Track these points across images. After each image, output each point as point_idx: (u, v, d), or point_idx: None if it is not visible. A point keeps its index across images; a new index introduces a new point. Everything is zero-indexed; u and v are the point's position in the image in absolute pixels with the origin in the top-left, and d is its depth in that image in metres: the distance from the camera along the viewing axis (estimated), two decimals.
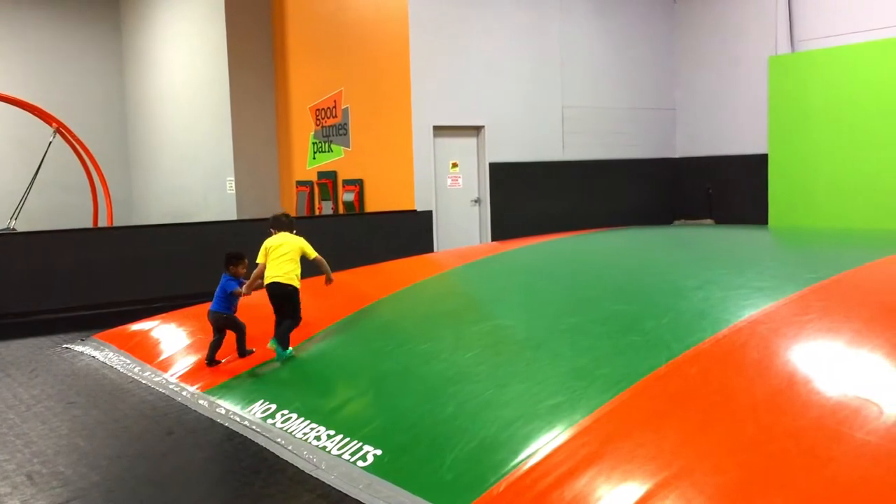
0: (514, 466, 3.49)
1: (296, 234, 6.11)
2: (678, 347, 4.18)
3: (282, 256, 5.83)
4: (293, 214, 13.13)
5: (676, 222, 13.68)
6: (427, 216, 11.36)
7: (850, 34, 11.75)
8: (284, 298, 5.76)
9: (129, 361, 6.39)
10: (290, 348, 5.67)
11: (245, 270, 5.99)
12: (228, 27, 13.72)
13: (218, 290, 5.91)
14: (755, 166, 12.79)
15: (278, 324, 5.76)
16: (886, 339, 3.79)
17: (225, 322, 5.85)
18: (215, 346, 5.83)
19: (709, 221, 13.38)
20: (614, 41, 13.15)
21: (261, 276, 5.86)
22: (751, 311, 4.47)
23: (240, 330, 5.88)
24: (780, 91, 12.40)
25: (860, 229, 10.19)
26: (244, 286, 5.87)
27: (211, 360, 5.78)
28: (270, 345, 5.64)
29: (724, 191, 13.49)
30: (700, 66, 13.79)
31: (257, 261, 5.92)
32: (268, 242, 5.96)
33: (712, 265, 6.27)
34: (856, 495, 2.74)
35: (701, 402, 3.65)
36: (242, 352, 5.85)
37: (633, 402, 3.78)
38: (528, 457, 3.52)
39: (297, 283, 5.81)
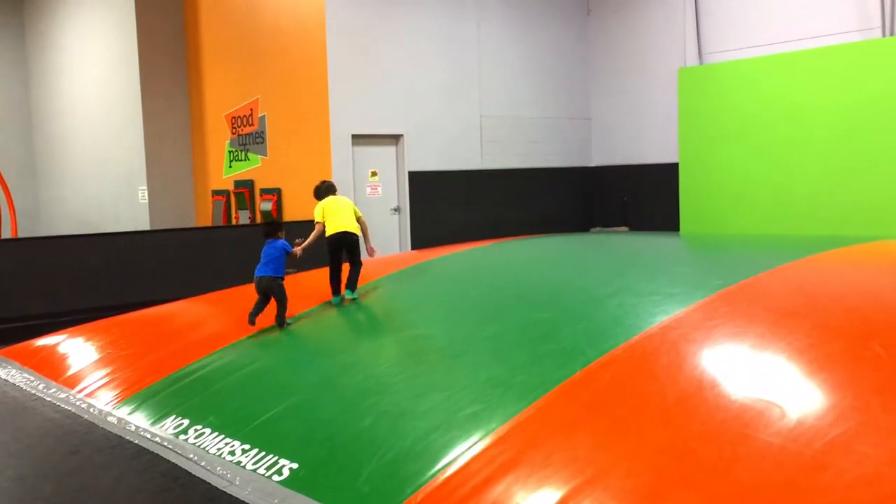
0: (432, 476, 3.49)
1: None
2: (593, 354, 4.25)
3: (342, 211, 6.61)
4: (209, 224, 12.88)
5: (593, 230, 13.96)
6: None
7: (754, 48, 12.24)
8: (351, 245, 6.53)
9: (33, 378, 6.12)
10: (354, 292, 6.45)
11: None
12: (139, 34, 13.36)
13: (264, 255, 6.25)
14: (667, 175, 13.15)
15: (334, 275, 6.48)
16: (788, 342, 3.94)
17: (272, 286, 6.09)
18: (258, 309, 6.07)
19: (624, 229, 13.69)
20: (530, 52, 13.35)
21: (319, 236, 6.54)
22: (662, 318, 4.58)
23: (284, 299, 6.10)
24: (689, 102, 12.80)
25: (766, 236, 10.58)
26: (301, 245, 6.47)
27: (252, 321, 6.00)
28: (347, 294, 6.40)
29: (639, 199, 13.84)
30: (614, 77, 14.12)
31: (316, 220, 6.66)
32: (323, 204, 6.69)
33: (626, 272, 6.42)
34: (760, 496, 2.83)
35: (614, 408, 3.71)
36: (282, 322, 6.03)
37: (548, 409, 3.83)
38: (446, 466, 3.52)
39: (359, 233, 6.66)
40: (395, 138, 11.81)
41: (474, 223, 12.26)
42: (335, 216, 6.60)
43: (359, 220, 6.74)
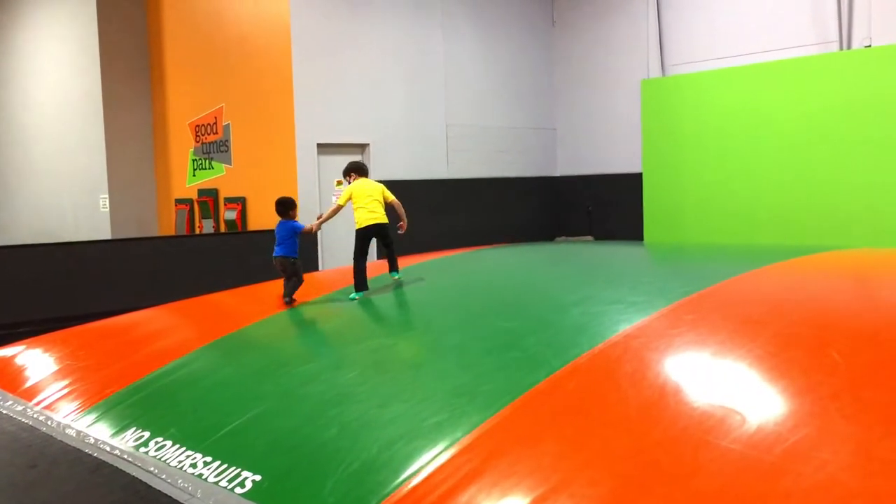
0: (397, 487, 3.47)
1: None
2: (557, 363, 4.27)
3: (371, 199, 6.59)
4: (172, 233, 12.74)
5: (558, 239, 14.04)
6: (311, 234, 11.22)
7: (715, 60, 12.44)
8: (384, 233, 6.65)
9: None
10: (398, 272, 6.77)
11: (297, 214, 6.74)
12: (101, 41, 13.21)
13: (277, 235, 6.47)
14: (632, 185, 13.29)
15: (360, 267, 6.58)
16: (748, 350, 3.99)
17: (286, 264, 6.38)
18: (294, 286, 6.42)
19: (588, 238, 13.80)
20: (496, 62, 13.43)
21: (334, 215, 6.70)
22: (625, 326, 4.62)
23: (298, 278, 6.42)
24: (652, 113, 12.96)
25: (728, 245, 10.72)
26: (315, 224, 6.71)
27: (287, 295, 6.33)
28: (393, 275, 6.72)
29: (603, 208, 13.96)
30: (578, 87, 14.25)
31: (339, 202, 6.72)
32: (352, 187, 6.67)
33: (590, 281, 6.46)
34: (721, 502, 2.85)
35: (578, 416, 3.73)
36: (289, 297, 6.33)
37: (513, 417, 3.83)
38: (411, 476, 3.51)
39: (388, 220, 6.72)
40: (361, 147, 11.79)
41: (440, 232, 12.28)
42: (364, 206, 6.58)
43: (391, 203, 6.77)
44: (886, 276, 6.36)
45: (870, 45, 11.02)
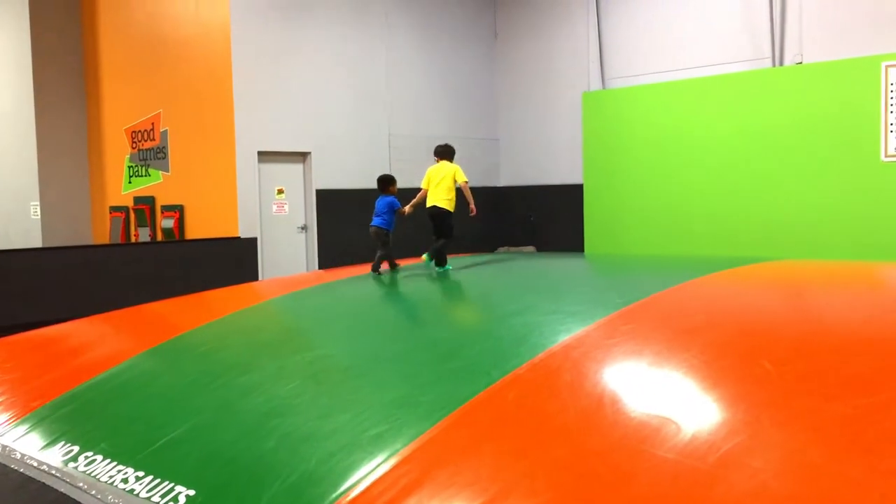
0: (335, 499, 3.43)
1: (454, 162, 7.45)
2: (497, 373, 4.28)
3: (440, 183, 7.12)
4: (107, 242, 12.43)
5: (500, 249, 14.11)
6: (251, 243, 11.10)
7: (654, 74, 12.69)
8: (440, 219, 7.09)
9: None
10: (448, 265, 7.22)
11: (396, 190, 7.31)
12: (34, 44, 12.85)
13: (376, 208, 7.17)
14: (573, 196, 13.46)
15: (435, 241, 7.19)
16: (683, 359, 4.06)
17: (379, 235, 7.07)
18: (381, 258, 7.12)
19: (530, 249, 13.90)
20: (439, 73, 13.47)
21: (423, 199, 7.24)
22: (564, 336, 4.66)
23: (387, 250, 7.10)
24: (593, 125, 13.16)
25: (666, 256, 10.91)
26: (408, 207, 7.26)
27: (375, 266, 7.06)
28: (424, 256, 7.17)
29: (545, 219, 14.09)
30: (521, 99, 14.38)
31: (422, 185, 7.31)
32: (429, 171, 7.29)
33: (530, 291, 6.51)
34: None
35: (518, 427, 3.74)
36: (376, 267, 7.07)
37: (453, 428, 3.83)
38: (350, 488, 3.47)
39: (449, 207, 7.15)
40: (302, 155, 11.69)
41: None
42: (432, 188, 7.18)
43: (459, 185, 7.16)
44: (816, 287, 6.56)
45: (801, 62, 11.38)
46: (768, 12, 11.50)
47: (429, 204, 7.16)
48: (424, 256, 7.22)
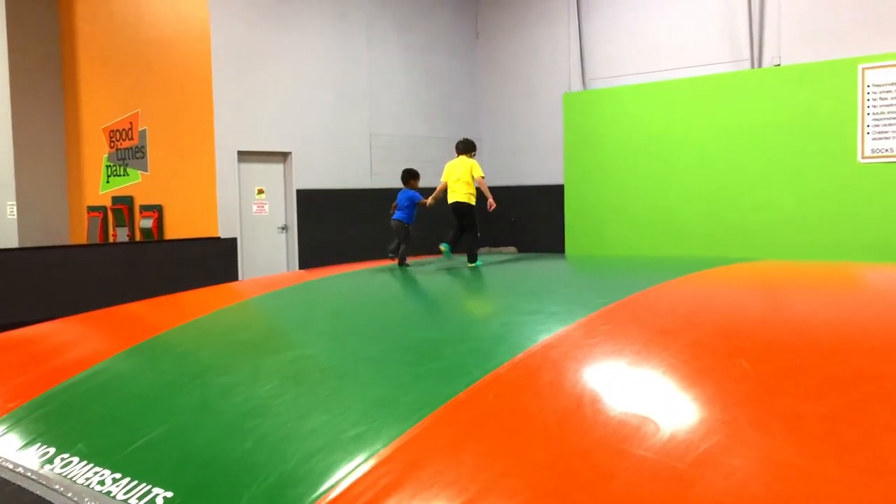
0: (315, 500, 3.41)
1: (473, 156, 7.49)
2: (477, 373, 4.28)
3: (459, 178, 7.24)
4: (84, 242, 12.32)
5: (481, 250, 14.11)
6: (231, 243, 11.04)
7: (634, 75, 12.76)
8: (463, 214, 7.25)
9: None
10: (479, 261, 7.31)
11: (418, 184, 7.57)
12: (10, 43, 12.72)
13: (398, 201, 7.46)
14: (554, 196, 13.50)
15: (457, 235, 7.40)
16: (662, 359, 4.08)
17: (400, 229, 7.35)
18: (395, 246, 7.38)
19: (511, 249, 13.93)
20: (420, 72, 13.47)
21: (442, 192, 7.39)
22: (544, 336, 4.67)
23: (407, 242, 7.37)
24: (574, 125, 13.21)
25: (647, 256, 10.96)
26: (430, 199, 7.42)
27: (401, 260, 7.33)
28: (443, 246, 7.37)
29: (526, 220, 14.11)
30: (502, 99, 14.41)
31: (442, 179, 7.44)
32: (448, 165, 7.41)
33: (511, 292, 6.51)
34: None
35: (497, 427, 3.74)
36: (402, 260, 7.34)
37: (433, 428, 3.82)
38: (329, 489, 3.45)
39: (471, 201, 7.27)
40: (282, 155, 11.65)
41: (364, 243, 12.22)
42: (451, 183, 7.28)
43: (475, 180, 7.23)
44: (793, 287, 6.61)
45: (779, 64, 11.47)
46: (747, 14, 11.60)
47: (450, 200, 7.30)
48: (442, 246, 7.35)
